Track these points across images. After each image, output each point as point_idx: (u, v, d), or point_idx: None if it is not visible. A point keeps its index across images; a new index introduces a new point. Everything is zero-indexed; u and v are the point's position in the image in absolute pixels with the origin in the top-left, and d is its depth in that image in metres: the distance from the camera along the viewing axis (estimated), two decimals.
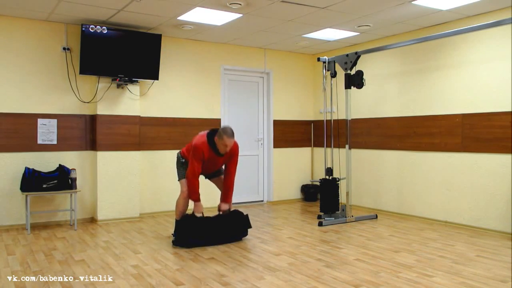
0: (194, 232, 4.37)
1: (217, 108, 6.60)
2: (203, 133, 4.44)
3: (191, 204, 4.55)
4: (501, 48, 4.86)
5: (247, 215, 4.73)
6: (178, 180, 4.60)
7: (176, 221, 4.51)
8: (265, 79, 7.23)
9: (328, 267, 3.67)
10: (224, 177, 4.63)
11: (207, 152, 4.32)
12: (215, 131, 4.36)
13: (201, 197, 4.48)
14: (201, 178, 4.56)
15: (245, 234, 4.70)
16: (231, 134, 4.27)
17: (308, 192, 7.33)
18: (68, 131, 5.56)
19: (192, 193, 4.42)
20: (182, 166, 4.57)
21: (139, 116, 5.88)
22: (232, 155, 4.49)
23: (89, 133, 5.70)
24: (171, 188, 6.10)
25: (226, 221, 4.57)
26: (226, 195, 4.61)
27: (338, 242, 4.54)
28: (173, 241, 4.48)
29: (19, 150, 5.26)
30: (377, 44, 6.18)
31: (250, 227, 4.73)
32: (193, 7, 4.84)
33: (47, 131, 5.41)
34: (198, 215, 4.45)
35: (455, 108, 5.32)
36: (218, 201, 4.74)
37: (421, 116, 5.70)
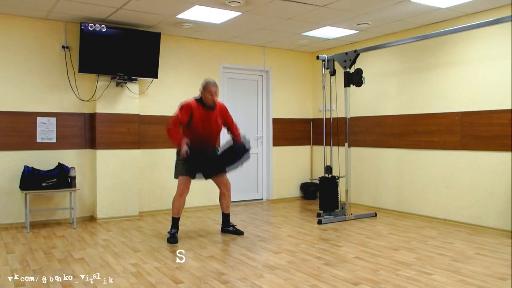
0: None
1: None
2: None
3: (187, 201, 4.54)
4: (501, 46, 4.86)
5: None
6: (174, 178, 4.60)
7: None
8: (264, 77, 7.23)
9: (327, 265, 3.67)
10: (231, 134, 4.71)
11: (196, 108, 4.40)
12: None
13: (200, 195, 4.47)
14: (198, 180, 4.56)
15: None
16: (214, 83, 4.45)
17: (308, 190, 7.33)
18: (67, 129, 5.55)
19: (173, 138, 4.37)
20: (178, 162, 4.55)
21: (138, 114, 5.88)
22: (222, 110, 4.58)
23: (88, 131, 5.69)
24: (170, 186, 6.08)
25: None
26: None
27: (338, 240, 4.55)
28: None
29: (19, 149, 5.26)
30: (376, 42, 6.18)
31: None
32: (192, 5, 4.83)
33: (46, 130, 5.41)
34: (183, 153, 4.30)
35: (454, 106, 5.32)
36: (218, 201, 4.75)
37: (421, 114, 5.70)
